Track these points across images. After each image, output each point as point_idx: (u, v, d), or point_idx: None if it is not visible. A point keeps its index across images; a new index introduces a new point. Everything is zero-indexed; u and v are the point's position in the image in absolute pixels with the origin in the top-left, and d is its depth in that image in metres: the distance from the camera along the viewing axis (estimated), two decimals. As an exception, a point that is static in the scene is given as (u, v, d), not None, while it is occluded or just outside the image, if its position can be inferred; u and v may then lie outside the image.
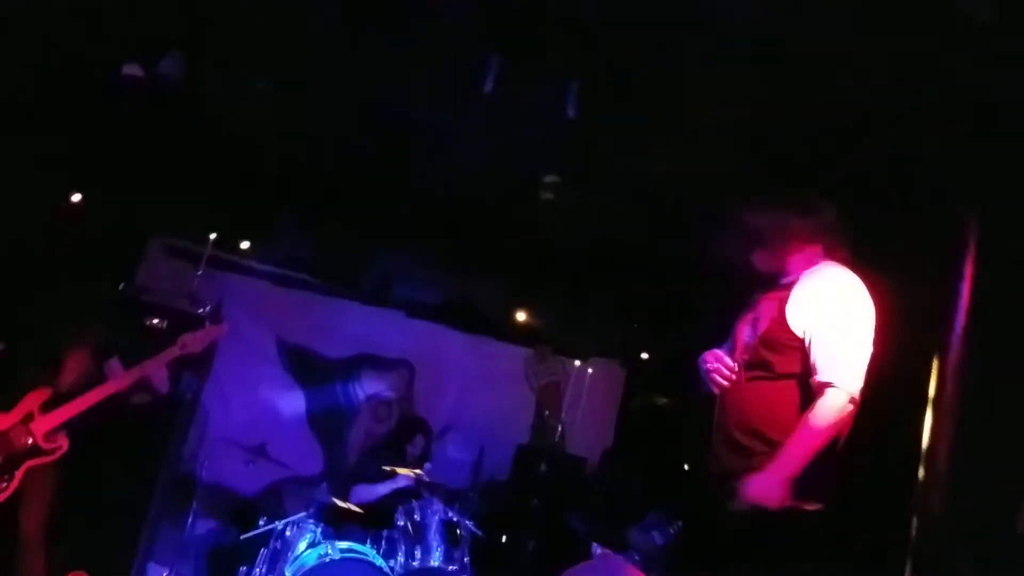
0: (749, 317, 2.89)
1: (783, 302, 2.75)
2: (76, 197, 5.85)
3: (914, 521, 3.58)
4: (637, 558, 4.64)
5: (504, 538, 6.04)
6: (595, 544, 4.76)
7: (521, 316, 7.09)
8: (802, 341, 2.69)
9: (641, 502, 5.32)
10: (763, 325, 2.79)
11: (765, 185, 4.59)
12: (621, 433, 7.13)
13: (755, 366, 2.77)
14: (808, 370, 2.67)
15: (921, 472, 3.60)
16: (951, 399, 3.58)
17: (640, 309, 6.69)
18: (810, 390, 2.66)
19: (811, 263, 2.81)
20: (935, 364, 3.66)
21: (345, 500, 5.31)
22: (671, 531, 4.69)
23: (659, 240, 5.74)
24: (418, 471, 5.41)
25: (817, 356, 2.64)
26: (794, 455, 2.57)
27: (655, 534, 4.69)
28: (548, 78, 4.22)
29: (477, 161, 5.32)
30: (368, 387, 6.88)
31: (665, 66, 3.99)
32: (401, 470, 5.40)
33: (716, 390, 2.90)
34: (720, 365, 2.88)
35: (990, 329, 3.52)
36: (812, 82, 3.78)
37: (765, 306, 2.84)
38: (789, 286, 2.79)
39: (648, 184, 5.23)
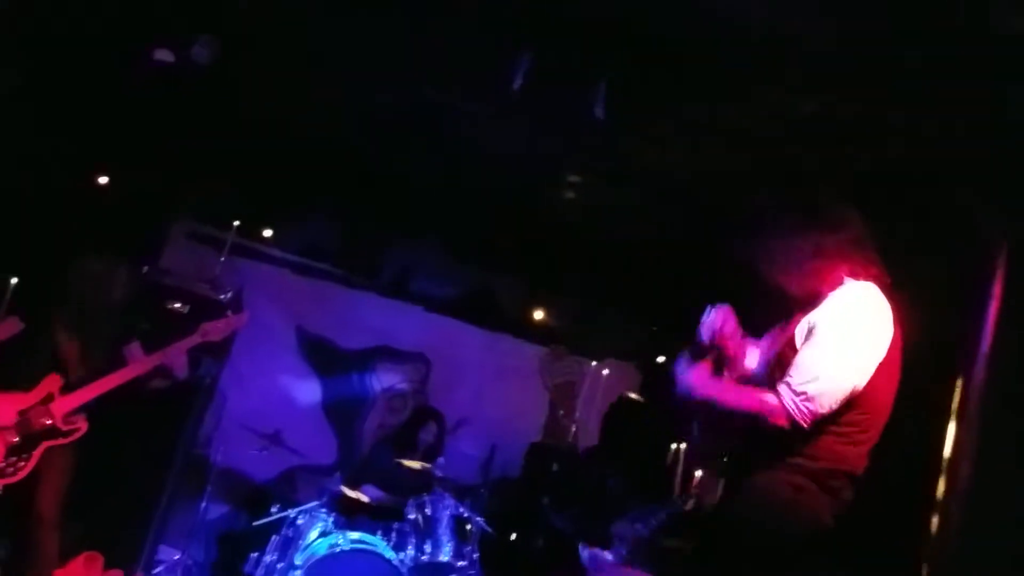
0: (774, 334, 2.81)
1: (796, 323, 2.64)
2: (103, 179, 5.89)
3: (932, 533, 3.55)
4: (624, 552, 4.64)
5: (513, 536, 6.04)
6: (581, 544, 4.75)
7: (539, 314, 7.09)
8: None
9: (622, 497, 5.31)
10: (776, 347, 2.68)
11: (787, 187, 4.58)
12: (602, 430, 7.07)
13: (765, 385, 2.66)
14: None
15: (941, 485, 3.58)
16: (974, 413, 3.55)
17: (658, 312, 6.68)
18: None
19: (837, 282, 2.65)
20: (959, 378, 3.63)
21: (356, 491, 5.34)
22: (654, 521, 4.68)
23: (680, 242, 5.73)
24: (428, 465, 5.43)
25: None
26: (717, 391, 2.64)
27: (639, 526, 4.68)
28: (576, 76, 4.22)
29: (502, 158, 5.33)
30: (384, 379, 6.89)
31: (691, 65, 3.99)
32: (408, 463, 5.41)
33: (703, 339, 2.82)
34: (717, 324, 2.82)
35: (1016, 345, 3.49)
36: (838, 85, 3.76)
37: (789, 327, 2.71)
38: (814, 307, 2.66)
39: (671, 185, 5.23)
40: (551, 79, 4.20)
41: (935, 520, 3.59)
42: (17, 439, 3.74)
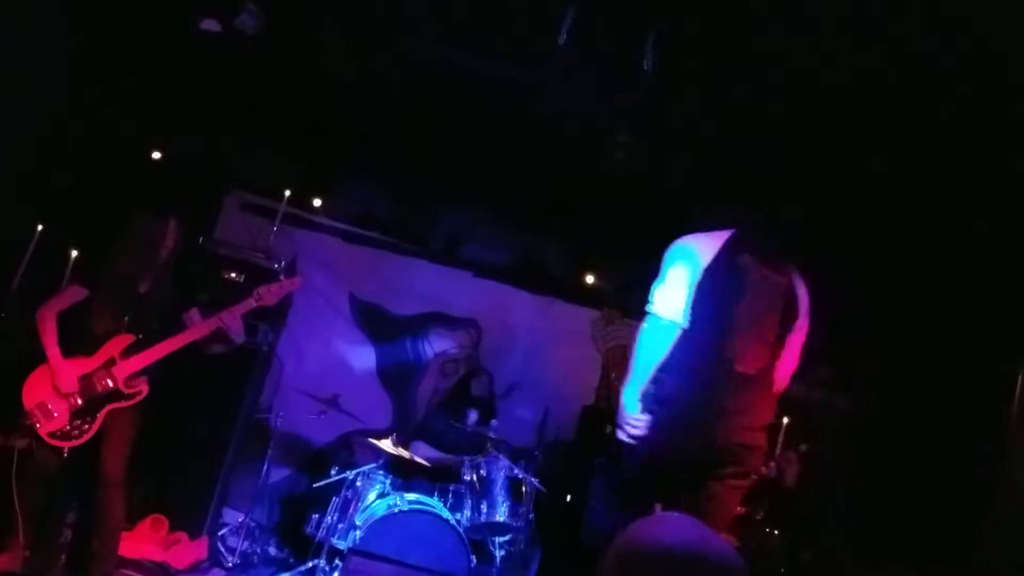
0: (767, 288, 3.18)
1: (794, 294, 3.19)
2: (157, 152, 6.00)
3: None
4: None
5: (568, 497, 6.07)
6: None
7: (590, 278, 7.05)
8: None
9: None
10: (795, 317, 3.22)
11: (838, 150, 4.48)
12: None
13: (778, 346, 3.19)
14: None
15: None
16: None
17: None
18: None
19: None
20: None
21: (412, 453, 5.41)
22: None
23: (730, 204, 5.63)
24: (484, 428, 5.48)
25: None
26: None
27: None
28: (623, 34, 4.15)
29: (550, 121, 5.28)
30: (436, 344, 6.93)
31: (741, 24, 3.89)
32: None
33: None
34: None
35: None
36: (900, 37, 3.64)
37: (780, 288, 3.19)
38: (787, 274, 3.20)
39: (722, 146, 5.13)
40: (598, 37, 4.14)
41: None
42: (81, 402, 3.85)
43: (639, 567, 0.97)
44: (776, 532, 5.10)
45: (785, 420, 5.57)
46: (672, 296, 3.10)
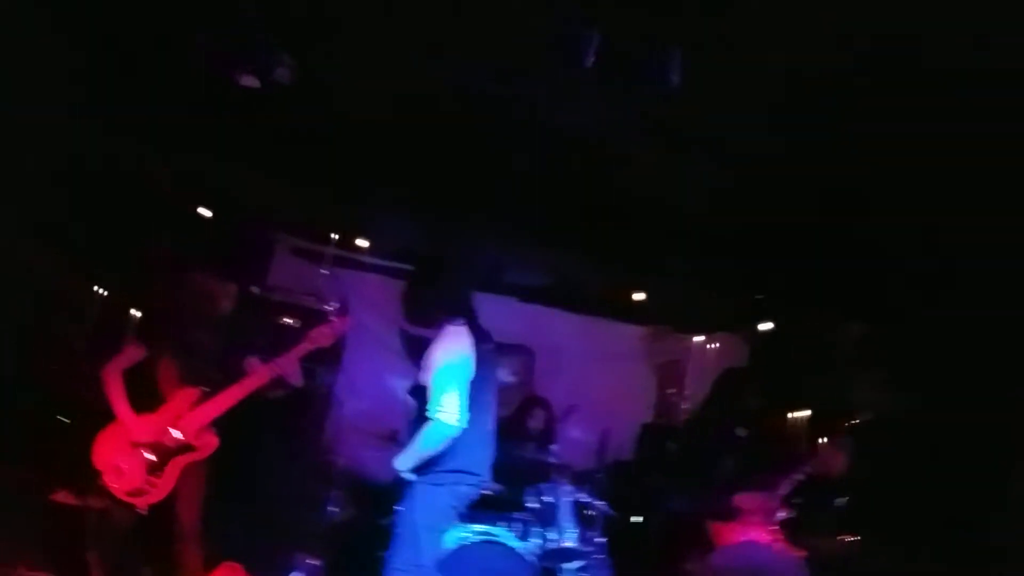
0: None
1: None
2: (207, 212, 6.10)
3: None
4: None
5: (637, 518, 6.02)
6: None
7: (637, 295, 7.02)
8: None
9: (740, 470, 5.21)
10: None
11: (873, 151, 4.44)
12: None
13: None
14: None
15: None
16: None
17: (760, 281, 6.56)
18: None
19: None
20: None
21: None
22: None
23: (776, 210, 5.61)
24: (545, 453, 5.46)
25: None
26: None
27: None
28: (651, 46, 4.15)
29: (580, 138, 5.29)
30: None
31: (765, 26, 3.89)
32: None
33: None
34: None
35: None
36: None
37: None
38: None
39: (759, 154, 5.11)
40: (624, 52, 4.16)
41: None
42: (153, 459, 3.92)
43: None
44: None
45: (808, 413, 5.49)
46: None
